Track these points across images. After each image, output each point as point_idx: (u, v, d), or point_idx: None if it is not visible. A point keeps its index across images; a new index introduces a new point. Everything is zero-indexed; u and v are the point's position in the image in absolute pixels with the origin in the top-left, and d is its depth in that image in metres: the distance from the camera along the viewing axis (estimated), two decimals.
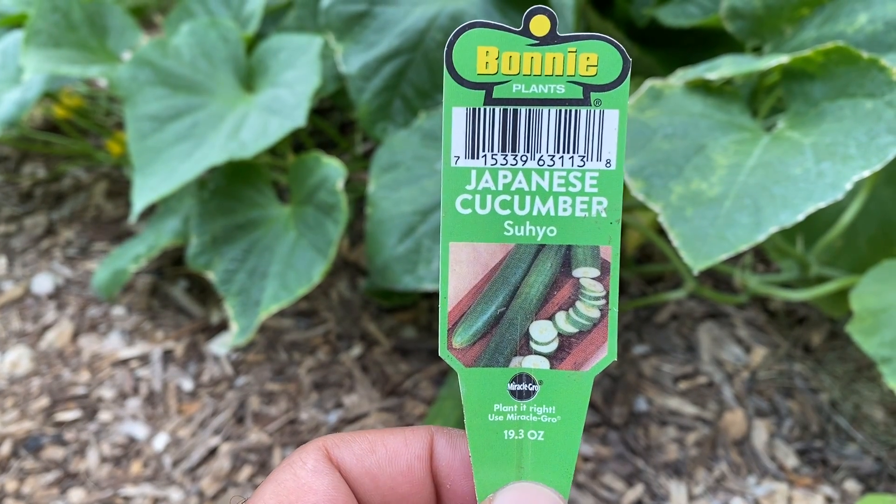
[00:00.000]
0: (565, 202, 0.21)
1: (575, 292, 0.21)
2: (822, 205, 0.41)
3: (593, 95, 0.20)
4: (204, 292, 0.82)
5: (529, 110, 0.20)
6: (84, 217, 0.96)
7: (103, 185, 1.01)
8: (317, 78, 0.66)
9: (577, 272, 0.21)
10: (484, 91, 0.20)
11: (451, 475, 0.22)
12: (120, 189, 1.00)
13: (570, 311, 0.21)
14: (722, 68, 0.50)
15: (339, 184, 0.63)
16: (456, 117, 0.21)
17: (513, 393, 0.21)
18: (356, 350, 0.74)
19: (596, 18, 0.67)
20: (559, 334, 0.21)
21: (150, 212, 0.88)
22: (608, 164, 0.21)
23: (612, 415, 0.67)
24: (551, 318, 0.21)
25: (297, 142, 0.94)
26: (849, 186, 0.41)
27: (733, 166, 0.46)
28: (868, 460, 0.62)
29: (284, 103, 0.66)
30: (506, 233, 0.21)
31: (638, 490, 0.61)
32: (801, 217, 0.41)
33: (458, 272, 0.21)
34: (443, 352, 0.21)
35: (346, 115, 0.99)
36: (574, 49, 0.20)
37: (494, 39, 0.20)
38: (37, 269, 0.87)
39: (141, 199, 0.66)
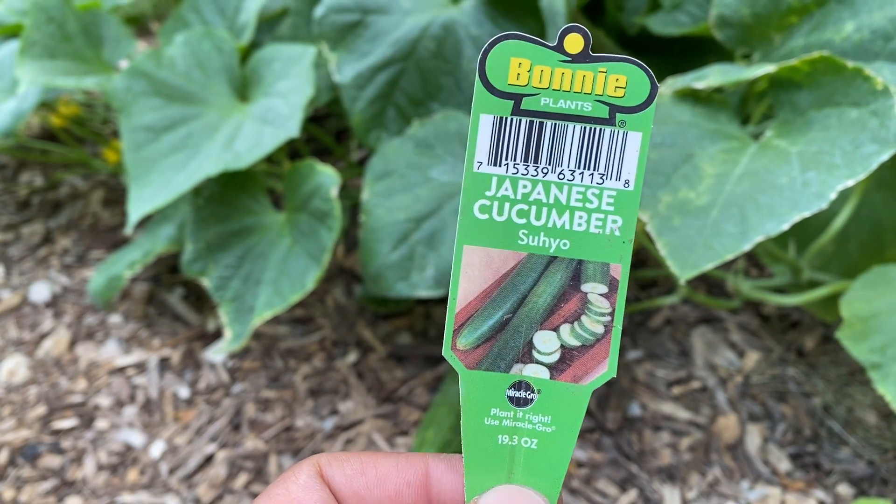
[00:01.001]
0: (581, 217, 0.21)
1: (581, 306, 0.22)
2: (806, 214, 0.41)
3: (619, 116, 0.21)
4: (200, 300, 0.83)
5: (555, 124, 0.21)
6: (81, 225, 0.96)
7: (100, 194, 1.02)
8: (310, 88, 0.66)
9: (585, 287, 0.22)
10: (513, 101, 0.21)
11: (458, 499, 0.22)
12: (117, 197, 1.01)
13: (575, 324, 0.22)
14: (709, 77, 0.50)
15: (333, 191, 0.63)
16: (483, 124, 0.21)
17: (511, 399, 0.22)
18: (351, 357, 0.75)
19: (587, 26, 0.67)
20: (562, 346, 0.22)
21: (146, 217, 0.88)
22: (626, 185, 0.21)
23: (605, 420, 0.67)
24: (556, 329, 0.22)
25: (293, 149, 0.95)
26: (833, 196, 0.41)
27: (721, 175, 0.46)
28: (861, 464, 0.63)
29: (278, 113, 0.66)
30: (520, 241, 0.22)
31: (632, 495, 0.61)
32: (786, 226, 0.41)
33: (470, 275, 0.22)
34: (446, 351, 0.22)
35: (342, 122, 1.00)
36: (605, 69, 0.21)
37: (528, 52, 0.21)
38: (34, 278, 0.88)
39: (136, 210, 0.66)
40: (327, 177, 0.65)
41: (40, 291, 0.86)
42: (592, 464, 0.64)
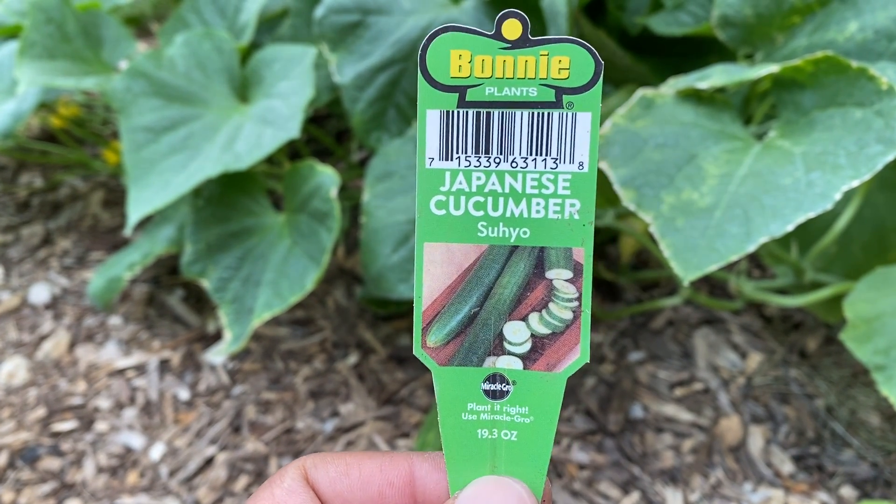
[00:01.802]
0: (538, 204, 0.21)
1: (548, 294, 0.21)
2: (811, 215, 0.41)
3: (566, 98, 0.20)
4: (200, 301, 0.82)
5: (502, 113, 0.21)
6: (81, 226, 0.96)
7: (100, 195, 1.02)
8: (310, 89, 0.66)
9: (550, 273, 0.21)
10: (457, 94, 0.21)
11: (443, 497, 0.22)
12: (116, 198, 1.01)
13: (544, 312, 0.21)
14: (713, 78, 0.50)
15: (333, 191, 0.63)
16: (430, 120, 0.21)
17: (486, 392, 0.22)
18: (352, 358, 0.74)
19: (588, 26, 0.67)
20: (532, 335, 0.22)
21: (145, 219, 0.88)
22: (581, 167, 0.21)
23: (607, 422, 0.67)
24: (524, 318, 0.22)
25: (293, 150, 0.95)
26: (838, 196, 0.41)
27: (724, 176, 0.46)
28: (864, 466, 0.62)
29: (279, 114, 0.66)
30: (479, 234, 0.21)
31: (634, 497, 0.61)
32: (790, 227, 0.41)
33: (433, 272, 0.21)
34: (417, 350, 0.22)
35: (343, 123, 1.00)
36: (546, 52, 0.20)
37: (467, 43, 0.20)
38: (33, 279, 0.88)
39: (136, 211, 0.66)
40: (327, 177, 0.64)
41: (40, 293, 0.85)
42: (594, 466, 0.63)
